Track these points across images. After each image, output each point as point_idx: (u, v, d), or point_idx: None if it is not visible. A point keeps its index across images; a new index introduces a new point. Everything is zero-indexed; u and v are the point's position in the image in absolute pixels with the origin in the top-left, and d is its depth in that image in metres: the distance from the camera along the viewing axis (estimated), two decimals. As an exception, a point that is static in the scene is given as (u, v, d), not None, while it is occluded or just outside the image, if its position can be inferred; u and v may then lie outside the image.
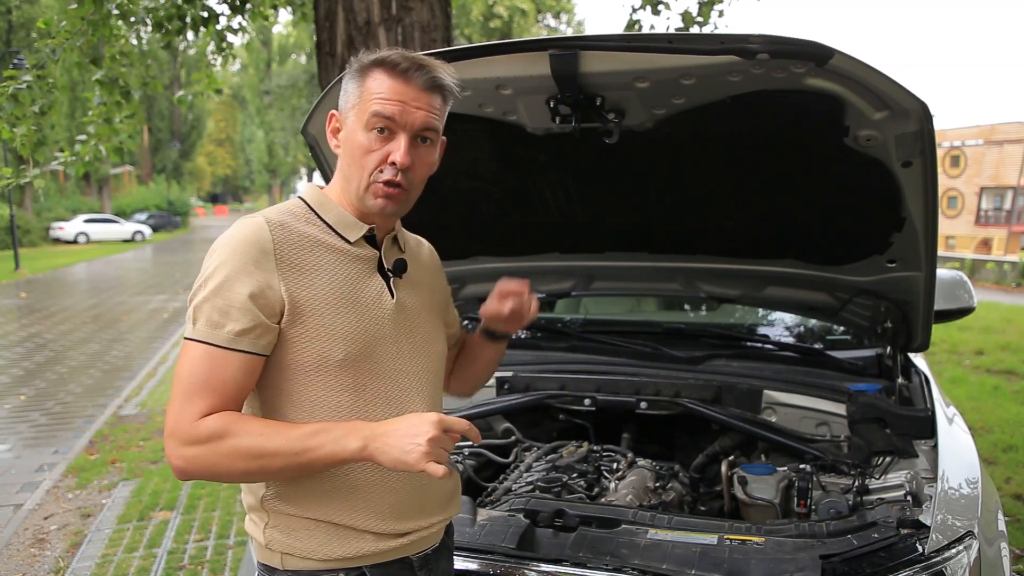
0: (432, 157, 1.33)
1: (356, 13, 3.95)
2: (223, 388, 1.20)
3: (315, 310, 1.25)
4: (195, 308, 1.22)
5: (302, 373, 1.26)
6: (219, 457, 1.17)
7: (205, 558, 3.64)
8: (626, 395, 2.45)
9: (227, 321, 1.19)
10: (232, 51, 5.88)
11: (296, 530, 1.30)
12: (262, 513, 1.32)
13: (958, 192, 34.21)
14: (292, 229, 1.28)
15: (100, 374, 7.76)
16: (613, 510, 1.83)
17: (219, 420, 1.18)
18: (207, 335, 1.20)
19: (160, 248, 28.13)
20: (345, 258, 1.31)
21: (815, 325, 3.09)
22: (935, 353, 7.78)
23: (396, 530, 1.33)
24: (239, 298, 1.20)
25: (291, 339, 1.25)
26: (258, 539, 1.33)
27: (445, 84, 1.30)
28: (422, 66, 1.27)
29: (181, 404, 1.19)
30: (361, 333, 1.29)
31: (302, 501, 1.29)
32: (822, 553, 1.55)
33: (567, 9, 35.24)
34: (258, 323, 1.21)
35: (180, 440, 1.18)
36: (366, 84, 1.28)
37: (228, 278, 1.21)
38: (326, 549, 1.29)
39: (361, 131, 1.27)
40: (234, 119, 57.53)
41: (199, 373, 1.19)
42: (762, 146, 2.03)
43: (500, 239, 2.67)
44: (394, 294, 1.35)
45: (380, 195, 1.28)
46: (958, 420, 2.28)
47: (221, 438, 1.17)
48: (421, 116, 1.27)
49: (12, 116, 4.06)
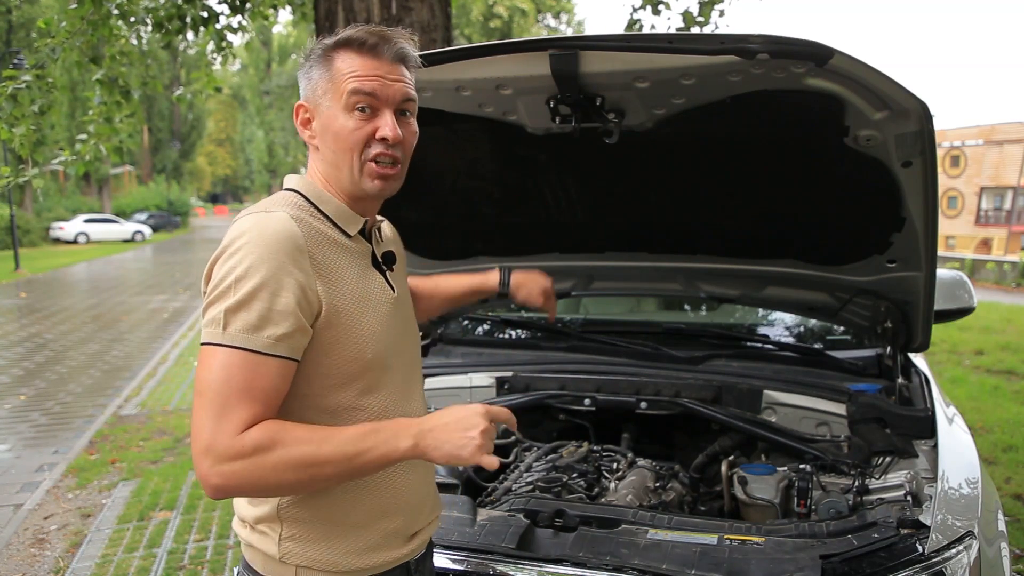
0: (415, 127, 1.31)
1: (356, 13, 3.95)
2: (264, 397, 1.11)
3: (346, 311, 1.21)
4: (226, 312, 1.11)
5: (332, 377, 1.21)
6: (265, 471, 1.09)
7: (205, 558, 3.64)
8: (626, 395, 2.45)
9: (267, 325, 1.12)
10: (232, 51, 5.88)
11: (316, 540, 1.24)
12: (276, 523, 1.24)
13: (958, 192, 34.21)
14: (310, 225, 1.22)
15: (100, 374, 7.75)
16: (613, 510, 1.83)
17: (264, 430, 1.10)
18: (244, 340, 1.11)
19: (160, 248, 28.12)
20: (351, 254, 1.28)
21: (815, 325, 3.09)
22: (935, 353, 7.78)
23: (411, 529, 1.33)
24: (282, 301, 1.12)
25: (326, 342, 1.19)
26: (268, 552, 1.25)
27: (410, 54, 1.28)
28: (388, 39, 1.25)
29: (217, 416, 1.09)
30: (383, 331, 1.27)
31: (324, 504, 1.23)
32: (822, 553, 1.55)
33: (567, 9, 35.25)
34: (299, 327, 1.14)
35: (219, 456, 1.08)
36: (335, 66, 1.24)
37: (267, 280, 1.12)
38: (348, 561, 1.25)
39: (342, 113, 1.23)
40: (234, 119, 57.53)
41: (236, 382, 1.10)
42: (762, 146, 2.03)
43: (500, 239, 2.67)
44: (394, 288, 1.34)
45: (376, 176, 1.25)
46: (958, 420, 2.28)
47: (268, 450, 1.09)
48: (400, 88, 1.25)
49: (11, 116, 4.06)
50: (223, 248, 1.17)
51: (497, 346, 3.03)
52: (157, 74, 6.30)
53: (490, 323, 3.16)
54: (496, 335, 3.21)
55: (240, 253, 1.14)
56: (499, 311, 3.32)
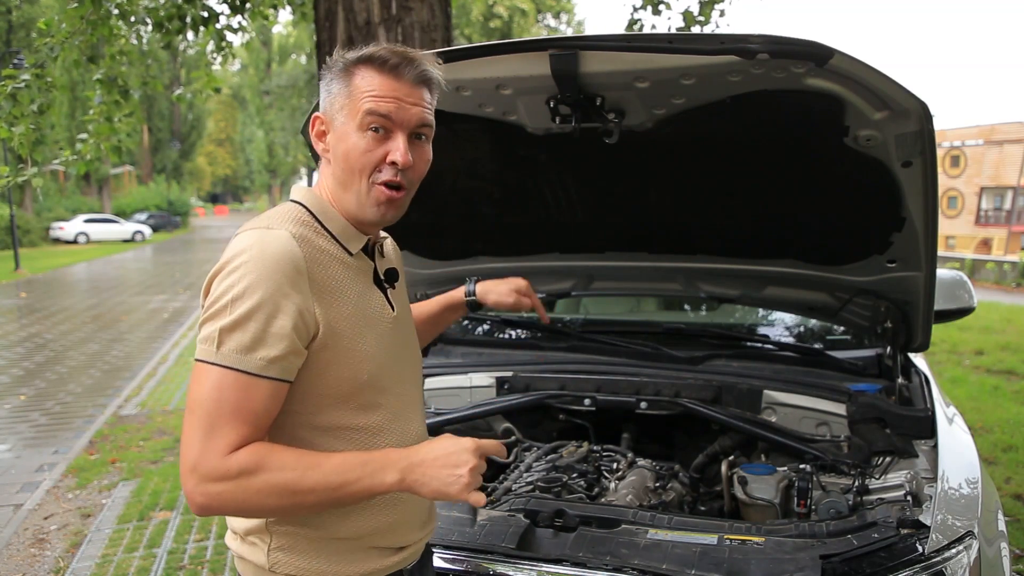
0: (429, 154, 1.29)
1: (356, 13, 3.95)
2: (254, 418, 1.11)
3: (343, 332, 1.20)
4: (220, 331, 1.11)
5: (328, 397, 1.21)
6: (249, 494, 1.09)
7: (205, 558, 3.64)
8: (626, 395, 2.45)
9: (261, 347, 1.11)
10: (232, 51, 5.89)
11: (304, 551, 1.24)
12: (265, 535, 1.25)
13: (958, 192, 34.21)
14: (312, 243, 1.21)
15: (100, 374, 7.76)
16: (613, 510, 1.82)
17: (251, 454, 1.10)
18: (237, 361, 1.11)
19: (160, 248, 28.12)
20: (353, 272, 1.27)
21: (815, 325, 3.09)
22: (935, 353, 7.78)
23: (400, 543, 1.32)
24: (278, 324, 1.12)
25: (321, 362, 1.18)
26: (258, 562, 1.25)
27: (434, 77, 1.26)
28: (411, 60, 1.22)
29: (205, 435, 1.09)
30: (380, 351, 1.26)
31: (312, 519, 1.23)
32: (822, 553, 1.55)
33: (567, 9, 35.25)
34: (293, 349, 1.14)
35: (205, 476, 1.08)
36: (354, 83, 1.22)
37: (263, 302, 1.12)
38: (335, 569, 1.25)
39: (355, 132, 1.21)
40: (234, 119, 57.54)
41: (226, 402, 1.10)
42: (762, 146, 2.03)
43: (500, 239, 2.67)
44: (394, 307, 1.33)
45: (381, 202, 1.24)
46: (958, 420, 2.28)
47: (253, 473, 1.09)
48: (417, 112, 1.23)
49: (11, 115, 4.06)
50: (223, 264, 1.16)
51: (497, 346, 3.03)
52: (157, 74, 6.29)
53: (490, 323, 3.16)
54: (496, 335, 3.21)
55: (239, 272, 1.13)
56: (499, 311, 3.32)
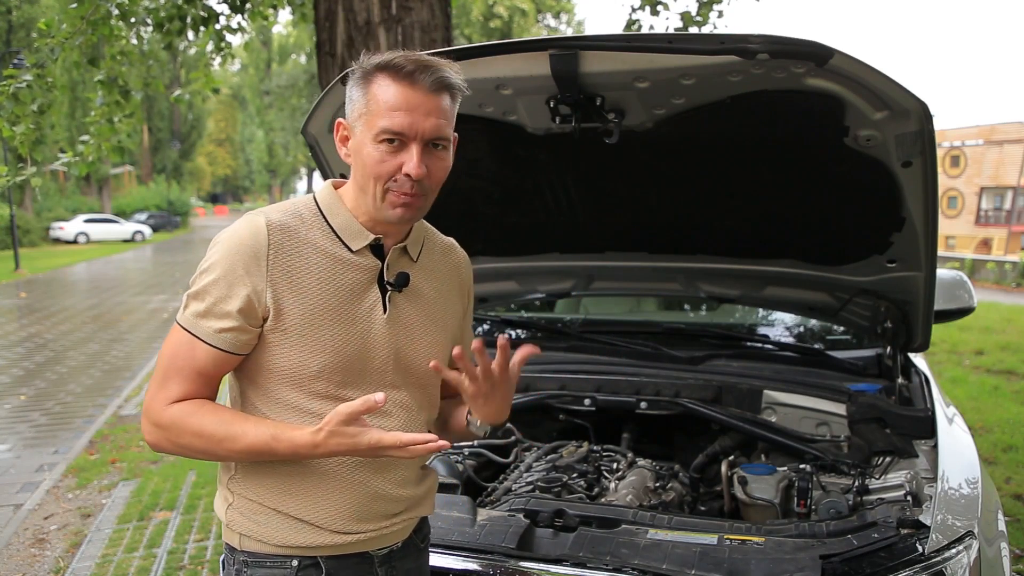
0: (447, 160, 1.30)
1: (356, 13, 3.95)
2: (198, 377, 1.26)
3: (298, 319, 1.26)
4: (188, 296, 1.27)
5: (277, 376, 1.28)
6: (181, 442, 1.25)
7: (205, 558, 3.64)
8: (626, 395, 2.45)
9: (210, 318, 1.24)
10: (231, 51, 5.88)
11: (255, 515, 1.32)
12: (227, 493, 1.35)
13: (958, 192, 34.19)
14: (293, 233, 1.27)
15: (100, 374, 7.75)
16: (613, 510, 1.83)
17: (182, 408, 1.25)
18: (192, 325, 1.25)
19: (160, 248, 28.12)
20: (343, 267, 1.29)
21: (815, 325, 3.09)
22: (935, 353, 7.77)
23: (353, 529, 1.33)
24: (222, 302, 1.24)
25: (271, 343, 1.27)
26: (221, 517, 1.37)
27: (453, 83, 1.27)
28: (428, 67, 1.23)
29: (158, 384, 1.27)
30: (343, 346, 1.27)
31: (262, 491, 1.31)
32: (822, 553, 1.55)
33: (567, 9, 35.23)
34: (238, 327, 1.24)
35: (150, 419, 1.27)
36: (371, 91, 1.23)
37: (217, 280, 1.24)
38: (282, 536, 1.31)
39: (370, 143, 1.23)
40: (234, 119, 57.49)
41: (178, 359, 1.26)
42: (762, 146, 2.03)
43: (500, 239, 2.67)
44: (387, 308, 1.32)
45: (398, 204, 1.25)
46: (958, 420, 2.28)
47: (180, 426, 1.24)
48: (431, 124, 1.23)
49: (12, 115, 4.06)
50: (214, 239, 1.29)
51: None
52: (158, 74, 6.29)
53: (490, 323, 3.16)
54: (496, 335, 3.21)
55: (214, 248, 1.27)
56: (499, 311, 3.32)
